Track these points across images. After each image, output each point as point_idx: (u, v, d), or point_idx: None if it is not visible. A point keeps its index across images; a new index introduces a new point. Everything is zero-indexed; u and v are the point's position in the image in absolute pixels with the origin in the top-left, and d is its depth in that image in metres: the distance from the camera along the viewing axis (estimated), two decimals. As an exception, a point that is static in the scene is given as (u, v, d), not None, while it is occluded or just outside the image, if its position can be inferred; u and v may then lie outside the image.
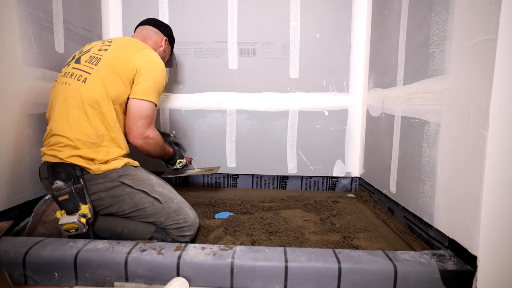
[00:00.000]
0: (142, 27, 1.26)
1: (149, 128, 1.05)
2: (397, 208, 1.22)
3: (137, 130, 1.03)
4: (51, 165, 0.95)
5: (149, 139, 1.06)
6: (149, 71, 1.04)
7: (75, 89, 0.98)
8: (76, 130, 0.96)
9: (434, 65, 0.94)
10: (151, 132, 1.06)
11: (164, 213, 0.98)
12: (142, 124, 1.04)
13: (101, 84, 0.99)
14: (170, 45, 1.35)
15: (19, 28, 1.07)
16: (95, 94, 0.98)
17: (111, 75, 1.00)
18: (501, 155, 0.70)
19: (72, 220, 0.89)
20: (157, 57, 1.10)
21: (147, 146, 1.07)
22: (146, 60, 1.05)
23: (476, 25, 0.75)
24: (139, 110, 1.03)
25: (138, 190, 0.99)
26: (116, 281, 0.80)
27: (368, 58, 1.59)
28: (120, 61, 1.02)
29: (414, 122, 1.06)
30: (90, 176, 0.96)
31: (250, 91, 1.69)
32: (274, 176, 1.76)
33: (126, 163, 1.02)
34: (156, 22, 1.29)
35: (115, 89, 1.00)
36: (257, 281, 0.78)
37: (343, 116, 1.68)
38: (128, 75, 1.02)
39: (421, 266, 0.77)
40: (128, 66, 1.02)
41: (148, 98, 1.03)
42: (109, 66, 1.01)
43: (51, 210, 0.98)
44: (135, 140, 1.04)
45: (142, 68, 1.03)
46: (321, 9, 1.63)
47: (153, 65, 1.07)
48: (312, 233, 1.10)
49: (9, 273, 0.78)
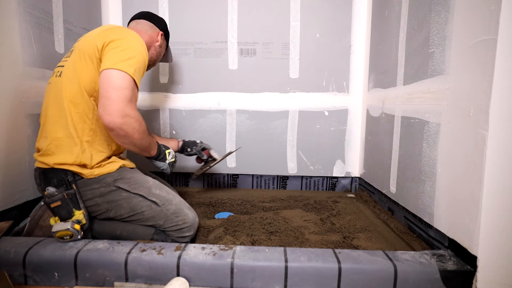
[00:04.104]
0: (136, 21, 1.17)
1: (129, 104, 0.85)
2: (397, 208, 1.22)
3: (111, 105, 0.82)
4: (43, 171, 0.92)
5: (129, 117, 0.85)
6: (118, 43, 0.89)
7: (55, 86, 0.95)
8: (55, 131, 0.91)
9: (434, 65, 0.94)
10: (132, 110, 0.86)
11: (162, 216, 0.96)
12: (117, 96, 0.83)
13: (73, 74, 0.90)
14: (165, 39, 1.24)
15: (19, 28, 1.07)
16: (69, 87, 0.91)
17: (80, 59, 0.91)
18: (501, 155, 0.70)
19: (65, 227, 0.85)
20: (130, 31, 0.97)
21: (128, 128, 0.85)
22: (114, 33, 0.92)
23: (476, 25, 0.74)
24: (107, 80, 0.84)
25: (135, 194, 0.95)
26: (116, 281, 0.80)
27: (368, 58, 1.59)
28: (87, 43, 0.92)
29: (414, 122, 1.06)
30: (84, 182, 0.93)
31: (250, 91, 1.68)
32: (274, 176, 1.76)
33: (122, 166, 0.99)
34: (150, 15, 1.19)
35: (85, 74, 0.90)
36: (257, 281, 0.78)
37: (343, 116, 1.68)
38: (94, 53, 0.89)
39: (421, 266, 0.77)
40: (93, 44, 0.90)
41: (117, 66, 0.84)
42: (78, 51, 0.92)
43: (47, 215, 0.96)
44: (110, 118, 0.82)
45: (108, 40, 0.89)
46: (321, 9, 1.63)
47: (121, 35, 0.92)
48: (312, 233, 1.10)
49: (9, 273, 0.79)
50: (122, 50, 0.88)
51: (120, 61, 0.86)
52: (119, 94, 0.83)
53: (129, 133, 0.87)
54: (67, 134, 0.92)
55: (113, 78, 0.84)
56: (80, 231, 0.88)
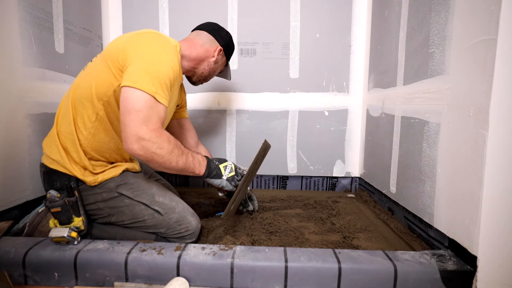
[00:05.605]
0: (197, 31, 1.10)
1: (143, 127, 0.77)
2: (397, 208, 1.22)
3: (125, 131, 0.77)
4: (48, 171, 0.91)
5: (145, 141, 0.77)
6: (139, 53, 0.83)
7: (76, 79, 0.95)
8: (61, 124, 0.91)
9: (434, 65, 0.94)
10: (147, 133, 0.77)
11: (165, 225, 0.94)
12: (130, 121, 0.77)
13: (91, 74, 0.89)
14: (225, 55, 1.14)
15: (19, 28, 1.07)
16: (83, 84, 0.89)
17: (101, 62, 0.88)
18: (501, 155, 0.70)
19: (62, 234, 0.83)
20: (160, 38, 0.89)
21: (146, 153, 0.78)
22: (138, 40, 0.86)
23: (476, 25, 0.74)
24: (124, 102, 0.78)
25: (137, 202, 0.93)
26: (116, 281, 0.80)
27: (368, 58, 1.59)
28: (115, 46, 0.88)
29: (414, 122, 1.06)
30: (87, 187, 0.91)
31: (250, 91, 1.68)
32: (274, 176, 1.76)
33: (125, 170, 0.97)
34: (214, 28, 1.11)
35: (100, 77, 0.86)
36: (257, 281, 0.77)
37: (343, 116, 1.68)
38: (115, 58, 0.84)
39: (421, 266, 0.77)
40: (118, 48, 0.85)
41: (135, 84, 0.77)
42: (104, 53, 0.89)
43: (45, 222, 0.96)
44: (127, 145, 0.78)
45: (131, 49, 0.83)
46: (321, 9, 1.63)
47: (147, 45, 0.84)
48: (312, 233, 1.10)
49: (9, 273, 0.78)
50: (145, 63, 0.81)
51: (141, 77, 0.79)
52: (132, 118, 0.77)
53: (149, 157, 0.79)
54: (69, 130, 0.91)
55: (128, 100, 0.78)
56: (77, 238, 0.86)
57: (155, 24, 1.67)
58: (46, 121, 1.19)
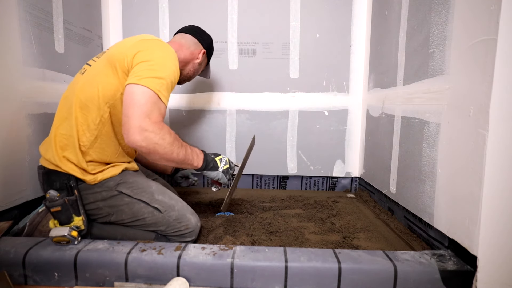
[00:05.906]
0: (181, 34, 1.15)
1: (146, 119, 0.80)
2: (397, 208, 1.22)
3: (128, 122, 0.79)
4: (46, 171, 0.92)
5: (148, 132, 0.80)
6: (146, 57, 0.87)
7: (74, 82, 0.95)
8: (60, 127, 0.91)
9: (434, 65, 0.94)
10: (151, 125, 0.80)
11: (164, 222, 0.95)
12: (134, 112, 0.79)
13: (95, 77, 0.90)
14: (207, 57, 1.24)
15: (19, 28, 1.07)
16: (87, 88, 0.90)
17: (106, 65, 0.90)
18: (501, 155, 0.70)
19: (62, 233, 0.84)
20: (164, 45, 0.94)
21: (149, 144, 0.80)
22: (145, 45, 0.90)
23: (476, 25, 0.74)
24: (129, 96, 0.82)
25: (137, 200, 0.94)
26: (116, 281, 0.80)
27: (368, 58, 1.59)
28: (118, 51, 0.91)
29: (414, 122, 1.06)
30: (86, 186, 0.92)
31: (250, 91, 1.68)
32: (274, 176, 1.76)
33: (124, 169, 0.98)
34: (197, 31, 1.17)
35: (104, 81, 0.89)
36: (257, 281, 0.77)
37: (343, 116, 1.68)
38: (123, 63, 0.88)
39: (421, 266, 0.77)
40: (123, 54, 0.89)
41: (140, 82, 0.82)
42: (108, 56, 0.92)
43: (45, 222, 0.96)
44: (129, 137, 0.79)
45: (139, 53, 0.88)
46: (321, 9, 1.63)
47: (152, 51, 0.89)
48: (312, 233, 1.10)
49: (9, 273, 0.78)
50: (150, 65, 0.86)
51: (146, 76, 0.83)
52: (135, 111, 0.80)
53: (152, 149, 0.81)
54: (70, 133, 0.91)
55: (134, 94, 0.81)
56: (78, 237, 0.86)
57: (155, 24, 1.67)
58: (46, 121, 1.18)
